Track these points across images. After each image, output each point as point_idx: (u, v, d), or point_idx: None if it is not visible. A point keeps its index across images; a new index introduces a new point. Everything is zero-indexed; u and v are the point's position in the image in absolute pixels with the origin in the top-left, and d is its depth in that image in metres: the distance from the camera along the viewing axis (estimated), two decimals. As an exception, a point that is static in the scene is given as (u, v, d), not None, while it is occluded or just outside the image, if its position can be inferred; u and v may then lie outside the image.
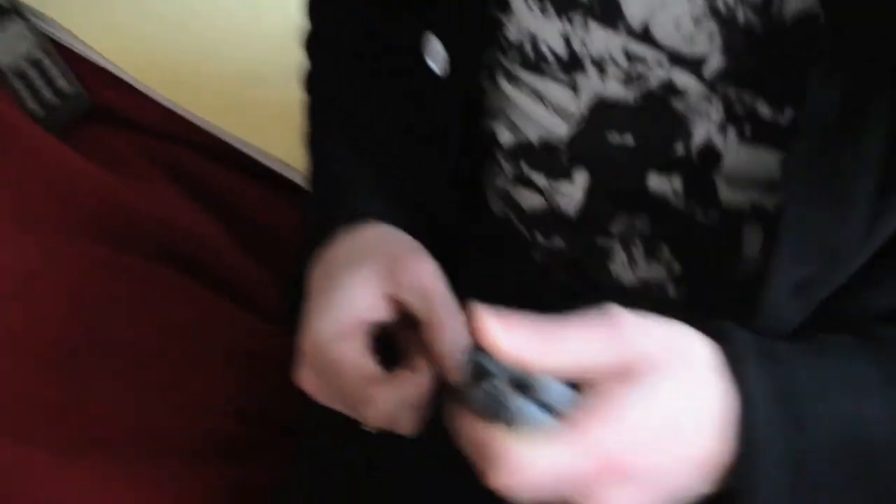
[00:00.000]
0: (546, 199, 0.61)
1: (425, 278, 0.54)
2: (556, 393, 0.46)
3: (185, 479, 0.75)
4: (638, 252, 0.59)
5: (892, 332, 0.51)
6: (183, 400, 0.79)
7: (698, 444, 0.47)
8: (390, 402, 0.52)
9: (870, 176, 0.47)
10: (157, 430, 0.78)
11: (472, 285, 0.63)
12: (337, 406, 0.55)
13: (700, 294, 0.57)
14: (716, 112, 0.53)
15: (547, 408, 0.46)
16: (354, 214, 0.61)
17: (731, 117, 0.53)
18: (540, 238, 0.62)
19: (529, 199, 0.62)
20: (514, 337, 0.45)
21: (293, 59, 0.80)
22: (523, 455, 0.44)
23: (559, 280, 0.62)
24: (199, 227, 0.88)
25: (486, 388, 0.45)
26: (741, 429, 0.47)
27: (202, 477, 0.76)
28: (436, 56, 0.63)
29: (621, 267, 0.59)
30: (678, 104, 0.54)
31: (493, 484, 0.45)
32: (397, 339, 0.56)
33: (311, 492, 0.73)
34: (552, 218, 0.61)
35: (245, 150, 0.95)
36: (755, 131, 0.53)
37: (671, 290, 0.58)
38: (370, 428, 0.56)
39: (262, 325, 0.84)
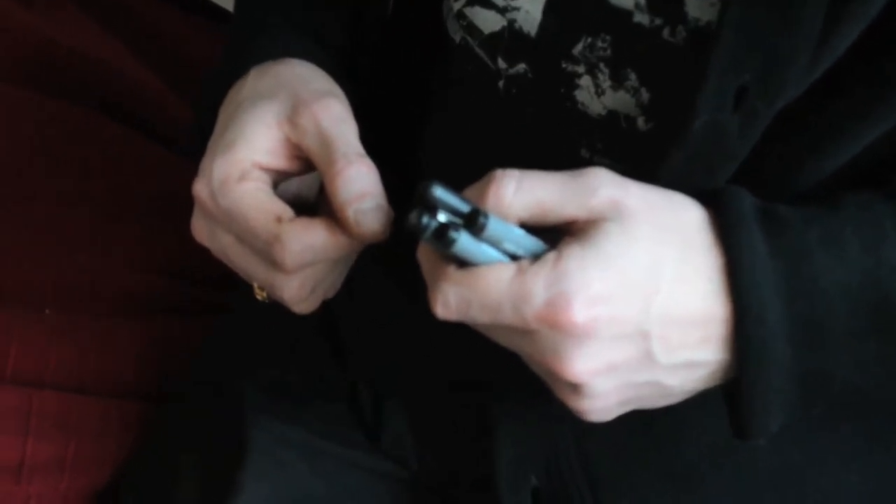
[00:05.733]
0: (504, 19, 0.56)
1: (326, 122, 0.50)
2: (518, 238, 0.44)
3: (109, 332, 0.74)
4: (604, 78, 0.54)
5: None
6: (106, 253, 0.77)
7: (685, 300, 0.45)
8: (303, 242, 0.48)
9: None
10: (80, 283, 0.76)
11: (436, 122, 0.63)
12: (232, 260, 0.52)
13: (670, 127, 0.52)
14: None
15: (505, 253, 0.44)
16: (272, 48, 0.57)
17: None
18: (502, 64, 0.58)
19: (488, 20, 0.57)
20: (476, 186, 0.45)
21: None
22: (460, 283, 0.44)
23: (526, 111, 0.58)
24: (115, 60, 0.83)
25: (437, 223, 0.43)
26: (737, 290, 0.45)
27: (128, 331, 0.75)
28: None
29: (587, 95, 0.55)
30: None
31: (434, 310, 0.45)
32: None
33: (246, 344, 0.72)
34: (513, 40, 0.56)
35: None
36: None
37: (641, 123, 0.54)
38: (262, 296, 0.54)
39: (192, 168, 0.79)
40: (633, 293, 0.44)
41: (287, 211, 0.49)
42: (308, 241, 0.48)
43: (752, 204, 0.47)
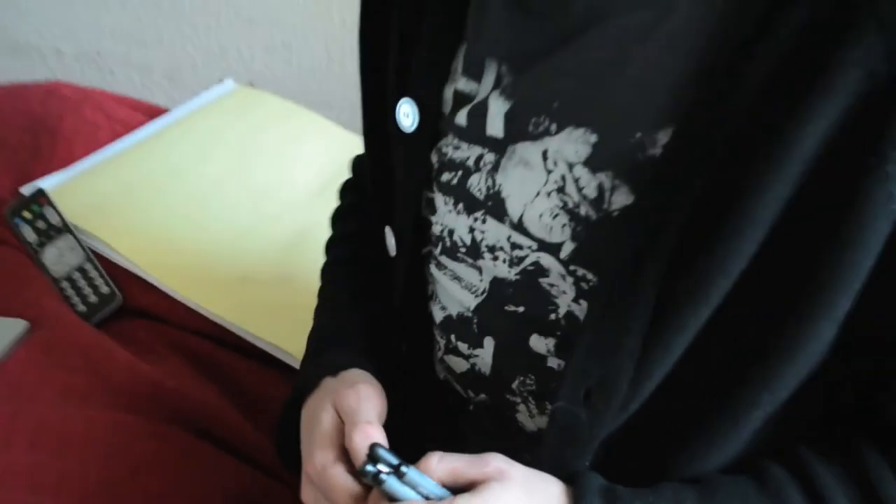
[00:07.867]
0: (468, 363, 0.68)
1: (350, 401, 0.61)
2: (430, 486, 0.56)
3: None
4: (532, 406, 0.66)
5: (729, 477, 0.58)
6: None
7: None
8: None
9: (641, 320, 0.53)
10: None
11: (431, 434, 0.77)
12: None
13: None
14: (570, 287, 0.59)
15: (422, 495, 0.56)
16: (336, 364, 0.69)
17: (582, 291, 0.59)
18: (470, 394, 0.70)
19: (457, 364, 0.69)
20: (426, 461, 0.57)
21: (283, 265, 0.92)
22: None
23: (486, 426, 0.71)
24: (208, 398, 0.94)
25: (374, 470, 0.55)
26: None
27: None
28: (391, 247, 0.73)
29: (525, 417, 0.67)
30: (544, 281, 0.60)
31: None
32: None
33: None
34: (474, 378, 0.69)
35: (245, 336, 1.03)
36: None
37: None
38: None
39: (262, 478, 0.89)
40: None
41: (360, 492, 0.59)
42: None
43: (599, 484, 0.57)
